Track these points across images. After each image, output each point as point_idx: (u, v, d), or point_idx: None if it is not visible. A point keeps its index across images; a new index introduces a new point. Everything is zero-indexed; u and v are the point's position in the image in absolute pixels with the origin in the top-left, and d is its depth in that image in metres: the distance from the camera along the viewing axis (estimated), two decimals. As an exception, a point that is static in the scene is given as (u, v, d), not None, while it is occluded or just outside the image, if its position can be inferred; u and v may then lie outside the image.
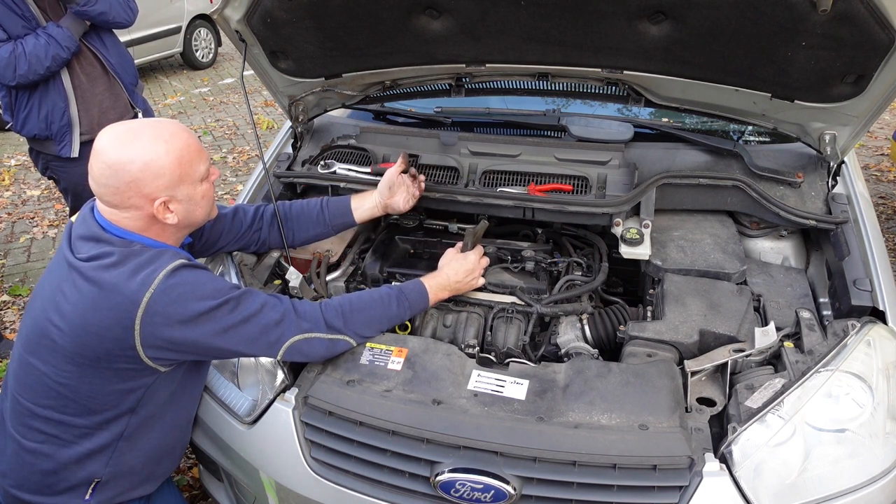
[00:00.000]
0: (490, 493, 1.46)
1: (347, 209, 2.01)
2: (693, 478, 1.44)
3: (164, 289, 1.42)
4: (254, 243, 1.97)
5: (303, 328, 1.58)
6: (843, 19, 1.56)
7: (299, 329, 1.57)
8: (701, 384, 1.69)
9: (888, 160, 5.38)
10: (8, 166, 5.83)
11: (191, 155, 1.50)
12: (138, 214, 1.49)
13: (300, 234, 2.00)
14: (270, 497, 1.76)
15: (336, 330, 1.63)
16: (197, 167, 1.52)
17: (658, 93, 2.15)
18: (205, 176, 1.56)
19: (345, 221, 2.02)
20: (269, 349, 1.56)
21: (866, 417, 1.49)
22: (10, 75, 2.60)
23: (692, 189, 2.10)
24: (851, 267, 1.82)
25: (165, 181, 1.46)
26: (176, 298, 1.43)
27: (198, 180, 1.53)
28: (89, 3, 2.63)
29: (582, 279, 2.03)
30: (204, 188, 1.56)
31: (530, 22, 1.85)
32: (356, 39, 2.04)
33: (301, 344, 1.58)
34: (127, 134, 1.46)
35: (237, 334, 1.51)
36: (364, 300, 1.71)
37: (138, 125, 1.49)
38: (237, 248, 1.96)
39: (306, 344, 1.59)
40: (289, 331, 1.56)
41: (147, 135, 1.46)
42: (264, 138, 5.96)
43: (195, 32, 8.61)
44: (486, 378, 1.65)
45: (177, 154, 1.47)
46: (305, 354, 1.61)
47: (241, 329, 1.51)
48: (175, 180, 1.48)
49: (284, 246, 2.02)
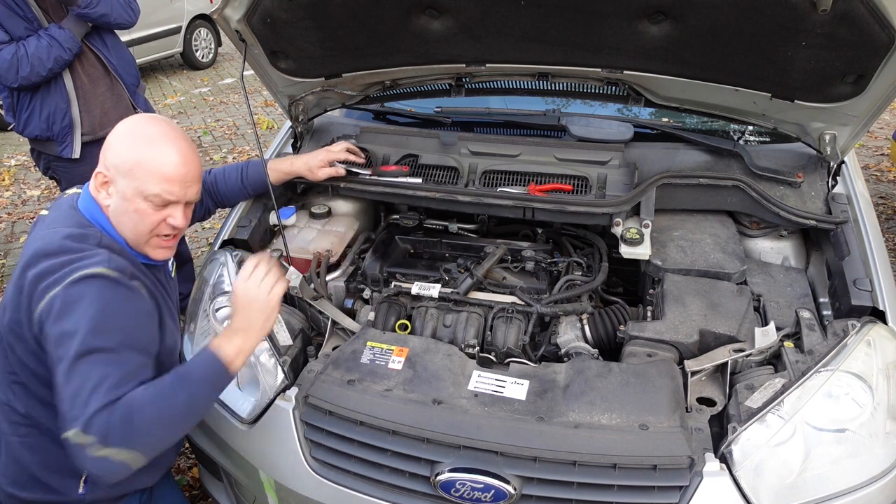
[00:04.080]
0: (490, 493, 1.46)
1: (263, 171, 2.08)
2: (693, 478, 1.44)
3: (63, 295, 1.32)
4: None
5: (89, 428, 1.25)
6: (844, 19, 1.56)
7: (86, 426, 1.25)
8: (701, 384, 1.69)
9: (888, 160, 5.38)
10: (8, 166, 5.83)
11: (154, 170, 1.42)
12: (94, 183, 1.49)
13: (223, 199, 2.10)
14: (270, 497, 1.76)
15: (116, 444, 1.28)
16: (148, 185, 1.42)
17: (658, 93, 2.15)
18: (153, 199, 1.43)
19: (259, 182, 2.09)
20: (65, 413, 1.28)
21: (866, 417, 1.49)
22: (12, 77, 2.60)
23: (692, 189, 2.10)
24: (851, 267, 1.82)
25: (117, 161, 1.44)
26: (61, 309, 1.31)
27: (140, 196, 1.43)
28: (90, 5, 2.63)
29: (582, 279, 2.03)
30: (142, 206, 1.44)
31: (530, 22, 1.85)
32: (356, 39, 2.05)
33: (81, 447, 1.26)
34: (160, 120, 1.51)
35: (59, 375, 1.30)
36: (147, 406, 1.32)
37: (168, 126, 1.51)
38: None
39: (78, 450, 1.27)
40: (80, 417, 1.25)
41: (159, 128, 1.48)
42: (264, 138, 5.96)
43: (195, 32, 8.61)
44: (486, 378, 1.65)
45: (144, 156, 1.43)
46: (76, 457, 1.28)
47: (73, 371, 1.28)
48: (123, 170, 1.43)
49: (285, 246, 2.02)
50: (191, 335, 1.92)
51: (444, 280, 2.06)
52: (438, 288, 1.97)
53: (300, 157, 2.19)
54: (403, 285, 2.00)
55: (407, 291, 1.99)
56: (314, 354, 1.84)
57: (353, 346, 1.75)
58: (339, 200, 2.37)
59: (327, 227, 2.26)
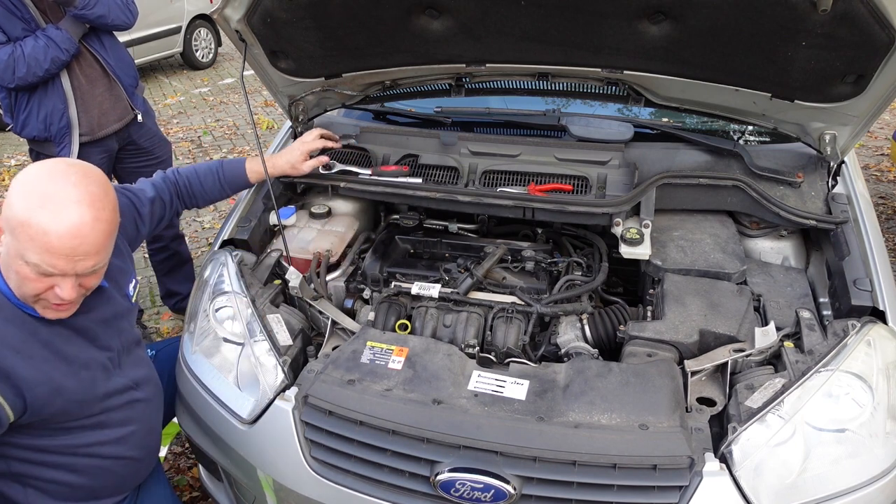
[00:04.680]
0: (490, 493, 1.46)
1: (242, 171, 2.08)
2: (693, 478, 1.44)
3: None
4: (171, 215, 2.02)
5: None
6: (844, 19, 1.56)
7: None
8: (701, 384, 1.69)
9: (888, 160, 5.38)
10: (8, 166, 5.83)
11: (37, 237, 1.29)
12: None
13: (201, 199, 2.06)
14: (270, 497, 1.76)
15: None
16: (29, 250, 1.31)
17: (658, 93, 2.15)
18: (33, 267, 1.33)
19: (238, 182, 2.10)
20: None
21: (866, 417, 1.49)
22: (8, 77, 2.60)
23: (692, 189, 2.10)
24: (851, 267, 1.82)
25: (10, 213, 1.31)
26: None
27: (20, 258, 1.33)
28: (88, 7, 2.62)
29: (582, 279, 2.03)
30: (24, 270, 1.33)
31: (530, 22, 1.85)
32: (356, 39, 2.05)
33: None
34: (62, 166, 1.37)
35: None
36: None
37: (75, 171, 1.37)
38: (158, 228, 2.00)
39: None
40: None
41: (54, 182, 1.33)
42: (264, 138, 5.96)
43: (195, 32, 8.61)
44: (486, 378, 1.65)
45: (31, 218, 1.29)
46: None
47: None
48: (12, 225, 1.32)
49: (285, 246, 2.02)
50: (191, 335, 1.92)
51: (444, 280, 2.06)
52: (438, 288, 1.97)
53: (280, 155, 2.17)
54: (403, 285, 2.00)
55: (407, 291, 1.99)
56: (314, 354, 1.84)
57: (353, 346, 1.75)
58: (339, 200, 2.37)
59: (327, 227, 2.26)
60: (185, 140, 6.36)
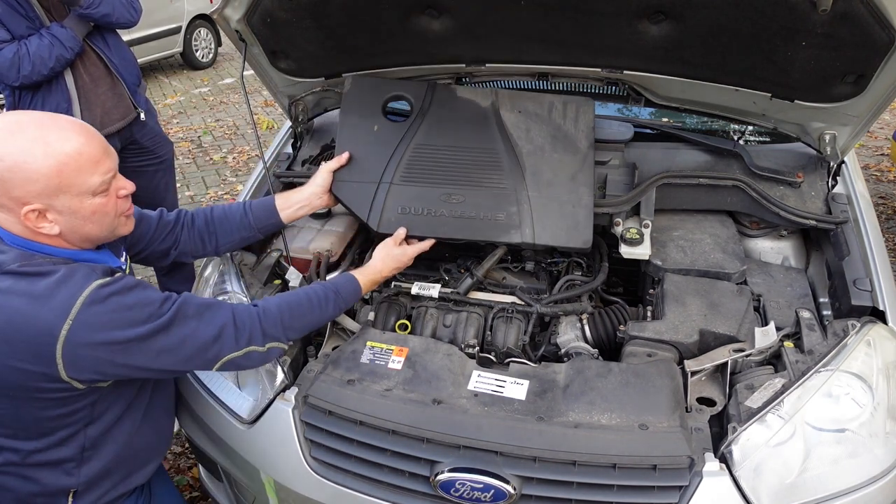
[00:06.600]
0: (490, 493, 1.46)
1: (272, 210, 1.92)
2: (693, 478, 1.44)
3: (85, 318, 1.28)
4: (173, 248, 1.82)
5: (240, 345, 1.49)
6: (843, 19, 1.56)
7: (236, 346, 1.49)
8: (701, 384, 1.69)
9: (888, 160, 5.38)
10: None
11: (80, 163, 1.31)
12: (13, 219, 1.32)
13: (224, 240, 1.89)
14: (270, 497, 1.76)
15: (273, 338, 1.55)
16: (86, 178, 1.32)
17: (658, 93, 2.15)
18: (100, 189, 1.35)
19: (271, 223, 1.93)
20: (204, 366, 1.48)
21: (866, 417, 1.49)
22: (13, 76, 2.60)
23: (692, 189, 2.10)
24: (851, 267, 1.82)
25: (39, 187, 1.28)
26: (101, 328, 1.30)
27: (87, 193, 1.33)
28: (93, 5, 2.63)
29: (582, 279, 2.03)
30: (96, 202, 1.35)
31: (530, 22, 1.85)
32: (356, 39, 2.04)
33: (238, 359, 1.51)
34: (10, 126, 1.29)
35: (171, 356, 1.41)
36: (303, 305, 1.63)
37: (29, 118, 1.33)
38: (154, 254, 1.82)
39: (243, 358, 1.51)
40: (225, 348, 1.47)
41: (30, 131, 1.28)
42: (264, 138, 5.96)
43: (195, 32, 8.61)
44: (486, 378, 1.65)
45: (58, 160, 1.28)
46: (240, 366, 1.54)
47: (175, 351, 1.41)
48: (52, 189, 1.29)
49: (285, 246, 2.02)
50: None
51: (444, 280, 2.06)
52: (438, 288, 1.97)
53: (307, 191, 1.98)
54: (403, 285, 2.01)
55: (407, 291, 1.99)
56: (314, 354, 1.84)
57: (353, 345, 1.75)
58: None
59: (327, 227, 2.26)
60: (185, 140, 6.36)
